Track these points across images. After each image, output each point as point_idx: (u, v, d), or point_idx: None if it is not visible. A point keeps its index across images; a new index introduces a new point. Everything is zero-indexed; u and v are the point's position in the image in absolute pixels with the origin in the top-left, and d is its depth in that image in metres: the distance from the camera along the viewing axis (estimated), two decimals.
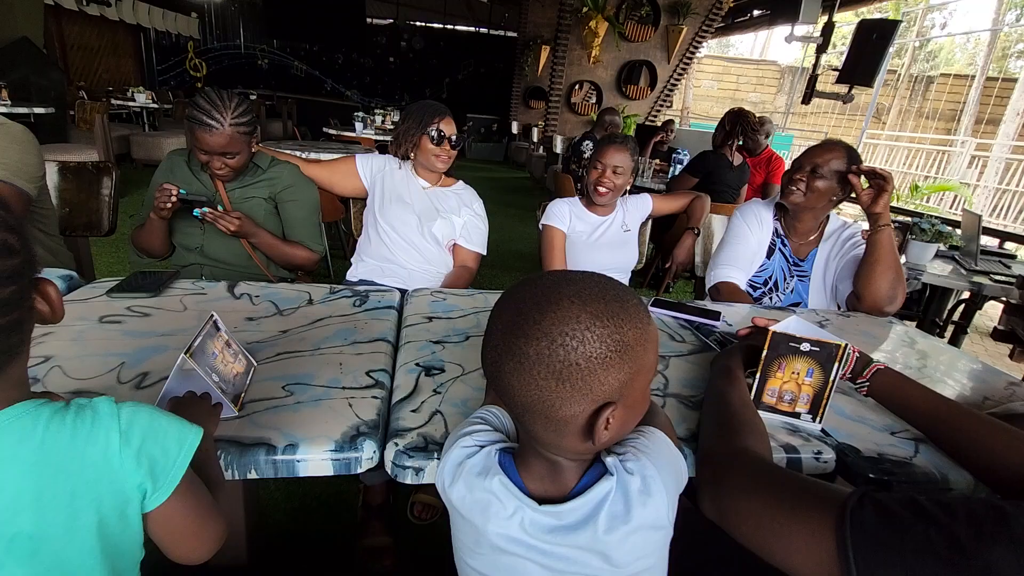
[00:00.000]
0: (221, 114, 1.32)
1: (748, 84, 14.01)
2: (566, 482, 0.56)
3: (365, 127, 5.79)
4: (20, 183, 1.12)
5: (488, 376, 0.55)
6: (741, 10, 8.40)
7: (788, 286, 1.59)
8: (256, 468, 0.66)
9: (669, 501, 0.56)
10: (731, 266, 1.61)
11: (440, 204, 1.68)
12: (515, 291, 0.54)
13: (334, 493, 1.52)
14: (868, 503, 0.50)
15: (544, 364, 0.49)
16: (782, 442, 0.79)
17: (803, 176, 1.47)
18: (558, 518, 0.54)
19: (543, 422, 0.52)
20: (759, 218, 1.62)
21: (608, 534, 0.53)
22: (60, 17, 7.93)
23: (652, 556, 0.57)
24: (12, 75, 4.95)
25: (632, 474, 0.55)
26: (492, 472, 0.56)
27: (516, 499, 0.55)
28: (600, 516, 0.53)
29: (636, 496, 0.54)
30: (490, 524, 0.55)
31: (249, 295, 1.16)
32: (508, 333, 0.51)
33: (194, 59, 11.50)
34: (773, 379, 0.84)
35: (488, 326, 0.55)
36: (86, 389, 0.76)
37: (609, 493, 0.54)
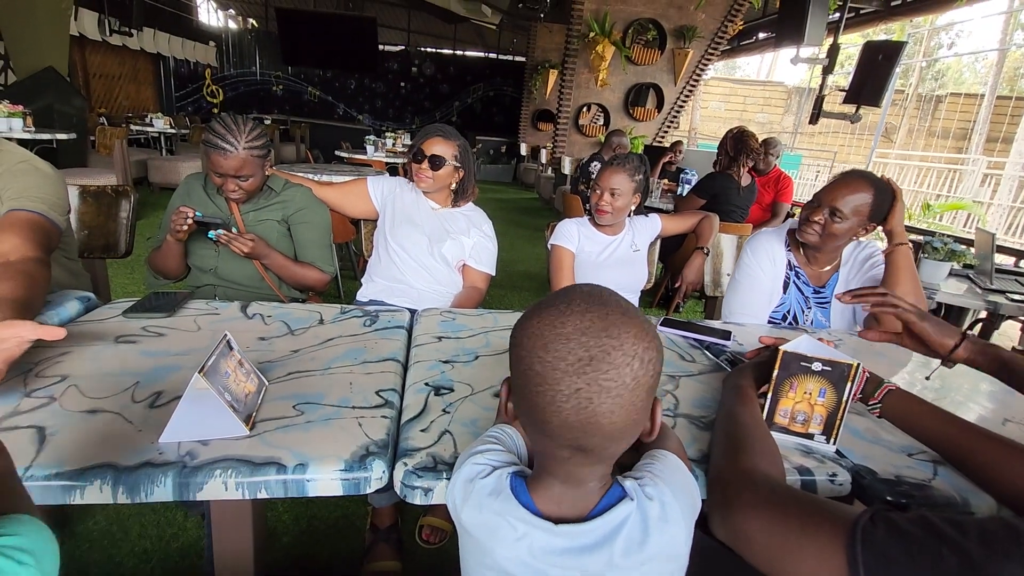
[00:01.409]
0: (235, 138, 1.36)
1: (755, 105, 14.11)
2: (586, 504, 0.56)
3: (376, 150, 5.90)
4: (55, 217, 1.16)
5: (566, 427, 0.50)
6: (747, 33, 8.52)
7: (808, 317, 1.54)
8: (266, 488, 0.67)
9: (686, 528, 0.55)
10: (746, 315, 1.55)
11: (450, 225, 1.70)
12: (554, 327, 0.51)
13: (342, 516, 1.51)
14: (879, 521, 0.49)
15: (641, 386, 0.50)
16: (796, 463, 0.78)
17: (821, 217, 1.38)
18: (573, 539, 0.53)
19: (627, 443, 0.54)
20: (771, 255, 1.55)
21: (624, 558, 0.52)
22: (84, 47, 8.22)
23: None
24: (37, 103, 5.13)
25: (651, 500, 0.55)
26: (503, 495, 0.56)
27: (526, 523, 0.54)
28: (618, 539, 0.53)
29: (655, 522, 0.54)
30: (498, 547, 0.55)
31: (261, 315, 1.17)
32: (589, 371, 0.49)
33: (211, 86, 11.85)
34: (785, 399, 0.83)
35: (544, 378, 0.50)
36: (101, 408, 0.77)
37: (628, 517, 0.54)
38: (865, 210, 1.35)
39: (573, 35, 6.41)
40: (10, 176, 1.14)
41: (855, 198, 1.34)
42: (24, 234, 1.06)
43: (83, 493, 0.63)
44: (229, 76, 12.44)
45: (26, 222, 1.09)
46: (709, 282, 2.09)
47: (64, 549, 1.30)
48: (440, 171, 1.62)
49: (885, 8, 5.98)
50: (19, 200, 1.11)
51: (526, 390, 0.52)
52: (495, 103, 13.46)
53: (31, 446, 0.67)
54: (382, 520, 1.40)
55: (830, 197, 1.37)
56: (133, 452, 0.68)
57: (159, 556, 1.32)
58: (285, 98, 12.95)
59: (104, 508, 1.42)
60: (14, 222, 1.08)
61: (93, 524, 1.38)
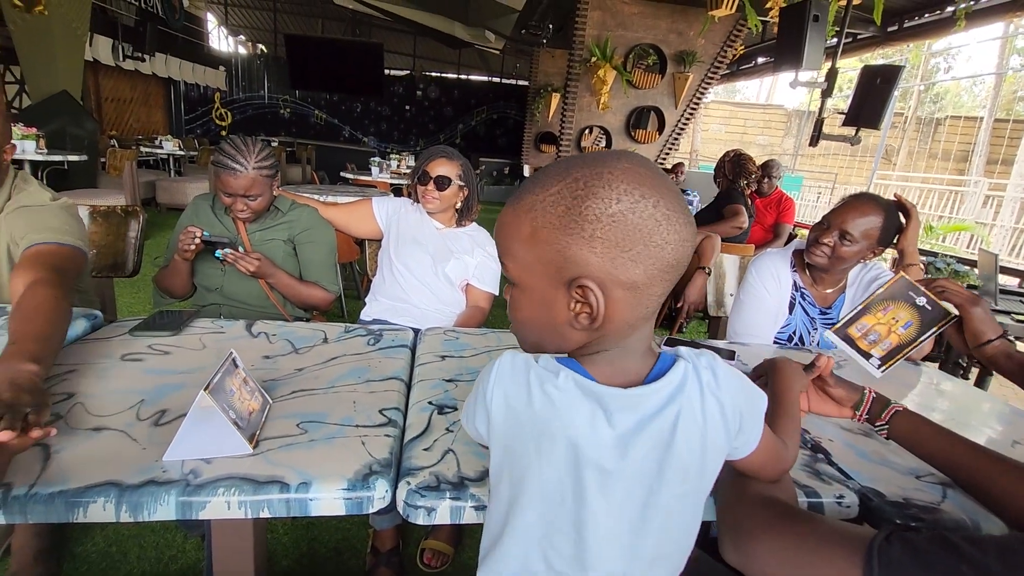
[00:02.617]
0: (245, 158, 1.39)
1: (755, 127, 14.28)
2: (638, 370, 0.55)
3: (381, 171, 5.98)
4: (83, 246, 1.20)
5: (671, 265, 0.50)
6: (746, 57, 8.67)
7: (814, 338, 1.53)
8: (269, 507, 0.66)
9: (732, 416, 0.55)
10: (750, 335, 1.54)
11: (454, 245, 1.71)
12: (612, 181, 0.48)
13: (342, 539, 1.49)
14: (895, 540, 0.48)
15: (687, 213, 0.50)
16: (802, 484, 0.77)
17: (830, 240, 1.37)
18: (637, 409, 0.52)
19: (670, 284, 0.52)
20: (776, 275, 1.54)
21: (685, 423, 0.53)
22: (98, 72, 8.42)
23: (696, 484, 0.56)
24: (50, 125, 5.24)
25: (704, 368, 0.55)
26: (562, 374, 0.54)
27: (593, 396, 0.52)
28: (683, 397, 0.53)
29: (708, 389, 0.54)
30: (565, 432, 0.52)
31: (266, 334, 1.18)
32: (661, 206, 0.48)
33: (220, 109, 12.09)
34: (871, 316, 0.85)
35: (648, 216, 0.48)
36: (106, 426, 0.77)
37: (687, 375, 0.54)
38: (875, 233, 1.34)
39: (575, 60, 6.53)
40: (23, 214, 1.17)
41: (865, 221, 1.34)
42: (33, 265, 1.06)
43: (86, 511, 0.63)
44: (238, 99, 12.70)
45: (44, 254, 1.10)
46: (712, 302, 2.09)
47: (63, 571, 1.28)
48: (446, 191, 1.65)
49: (882, 33, 6.09)
50: (40, 234, 1.13)
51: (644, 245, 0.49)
52: (498, 126, 13.66)
53: (36, 464, 0.67)
54: (383, 543, 1.38)
55: (840, 220, 1.36)
56: (137, 470, 0.68)
57: None
58: (292, 121, 13.18)
59: (103, 529, 1.41)
60: (29, 257, 1.08)
61: (92, 546, 1.36)
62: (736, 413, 0.56)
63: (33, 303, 0.92)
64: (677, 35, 6.44)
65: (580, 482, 0.53)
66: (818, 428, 0.95)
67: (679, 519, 0.58)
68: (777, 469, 0.66)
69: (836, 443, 0.91)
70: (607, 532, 0.54)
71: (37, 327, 0.86)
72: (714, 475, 0.57)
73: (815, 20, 3.82)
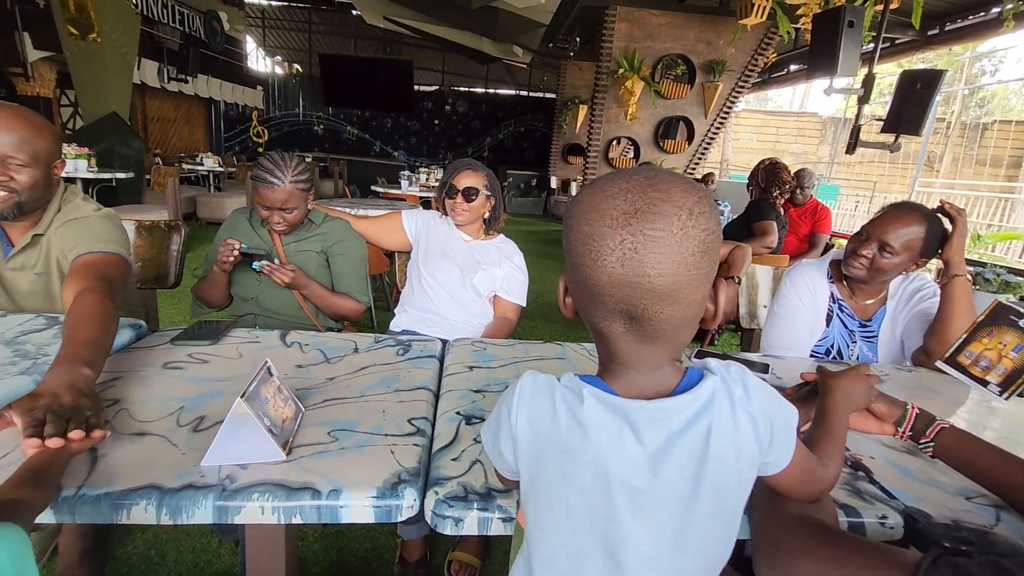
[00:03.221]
0: (282, 172, 1.44)
1: (789, 135, 13.98)
2: (665, 384, 0.54)
3: (410, 184, 6.09)
4: (127, 254, 1.27)
5: (612, 285, 0.49)
6: (778, 65, 8.53)
7: (853, 352, 1.48)
8: (301, 513, 0.67)
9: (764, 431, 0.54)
10: (785, 348, 1.49)
11: (481, 257, 1.72)
12: (601, 190, 0.51)
13: (371, 548, 1.50)
14: (944, 565, 0.46)
15: (690, 238, 0.48)
16: (841, 503, 0.74)
17: (869, 251, 1.32)
18: (664, 423, 0.52)
19: (683, 311, 0.50)
20: (812, 286, 1.49)
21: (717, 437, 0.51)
22: (144, 93, 8.87)
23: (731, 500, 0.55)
24: (100, 145, 5.53)
25: (735, 381, 0.53)
26: (586, 390, 0.54)
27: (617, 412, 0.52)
28: (712, 413, 0.52)
29: (739, 402, 0.52)
30: (590, 452, 0.52)
31: (299, 343, 1.21)
32: (634, 223, 0.48)
33: (257, 127, 12.55)
34: (977, 343, 0.84)
35: (590, 236, 0.50)
36: (149, 431, 0.80)
37: (715, 389, 0.53)
38: (917, 245, 1.29)
39: (602, 72, 6.55)
40: (71, 226, 1.24)
41: (906, 232, 1.28)
42: (83, 274, 1.12)
43: (129, 513, 0.65)
44: (274, 117, 13.19)
45: (92, 264, 1.16)
46: (745, 314, 2.04)
47: (105, 573, 1.33)
48: (474, 202, 1.67)
49: (922, 37, 5.91)
50: (86, 244, 1.20)
51: (576, 258, 0.52)
52: (526, 138, 13.78)
53: (83, 467, 0.70)
54: (411, 553, 1.39)
55: (880, 230, 1.31)
56: (177, 474, 0.70)
57: None
58: (325, 137, 13.60)
59: (143, 532, 1.46)
60: (78, 267, 1.15)
61: (132, 548, 1.41)
62: (767, 427, 0.54)
63: (83, 310, 0.97)
64: (706, 45, 6.39)
65: (611, 506, 0.52)
66: (858, 445, 0.91)
67: (715, 537, 0.56)
68: (812, 489, 0.63)
69: (878, 461, 0.87)
70: (647, 555, 0.53)
71: (88, 333, 0.91)
72: (748, 491, 0.56)
73: (850, 26, 3.73)
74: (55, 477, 0.65)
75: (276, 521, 0.67)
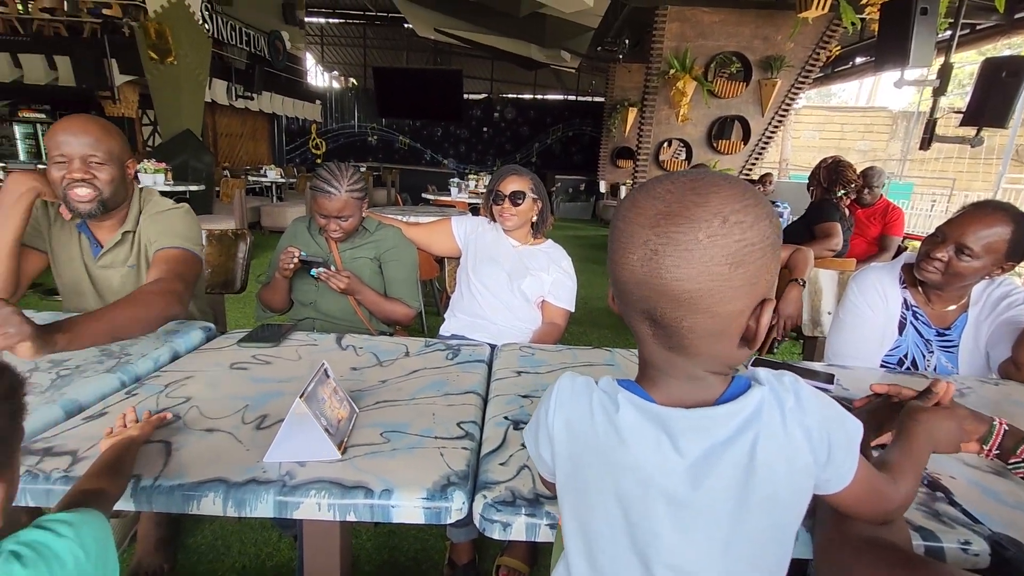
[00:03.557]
0: (339, 182, 1.51)
1: (855, 132, 13.22)
2: (705, 394, 0.52)
3: (460, 191, 6.19)
4: (198, 251, 1.41)
5: (633, 283, 0.49)
6: (842, 58, 8.10)
7: (929, 363, 1.37)
8: (355, 511, 0.70)
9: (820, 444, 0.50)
10: (851, 357, 1.40)
11: (529, 262, 1.73)
12: (647, 189, 0.50)
13: (421, 549, 1.52)
14: None
15: (719, 247, 0.45)
16: (916, 526, 0.69)
17: (944, 254, 1.22)
18: (705, 434, 0.49)
19: (707, 322, 0.48)
20: (882, 292, 1.39)
21: (765, 449, 0.49)
22: (214, 111, 9.49)
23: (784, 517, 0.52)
24: (176, 160, 5.95)
25: (786, 391, 0.50)
26: (622, 395, 0.53)
27: (655, 418, 0.51)
28: (760, 424, 0.49)
29: (791, 413, 0.49)
30: (627, 458, 0.51)
31: (354, 347, 1.25)
32: (662, 223, 0.47)
33: (316, 139, 13.13)
34: None
35: (622, 231, 0.50)
36: (217, 428, 0.85)
37: (763, 399, 0.50)
38: (1001, 247, 1.18)
39: (652, 73, 6.44)
40: (157, 219, 1.40)
41: (989, 233, 1.17)
42: (161, 267, 1.30)
43: (199, 503, 0.70)
44: (331, 130, 13.80)
45: (170, 259, 1.33)
46: (808, 321, 1.94)
47: (177, 559, 1.42)
48: (521, 205, 1.68)
49: (1007, 21, 5.44)
50: (167, 239, 1.36)
51: (609, 253, 0.51)
52: (574, 143, 13.73)
53: (159, 459, 0.76)
54: (460, 556, 1.40)
55: (958, 232, 1.21)
56: (241, 469, 0.74)
57: (255, 573, 1.40)
58: (379, 147, 14.08)
59: (211, 524, 1.54)
60: (158, 259, 1.33)
61: (201, 538, 1.50)
62: (824, 441, 0.51)
63: (132, 297, 1.18)
64: (763, 40, 6.16)
65: (650, 516, 0.51)
66: (936, 463, 0.84)
67: (766, 553, 0.54)
68: (878, 509, 0.59)
69: (959, 481, 0.80)
70: (690, 569, 0.51)
71: (104, 312, 1.11)
72: (803, 507, 0.53)
73: (923, 13, 3.50)
74: (128, 468, 0.70)
75: (332, 518, 0.70)
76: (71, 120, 1.24)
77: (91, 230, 1.38)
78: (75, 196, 1.24)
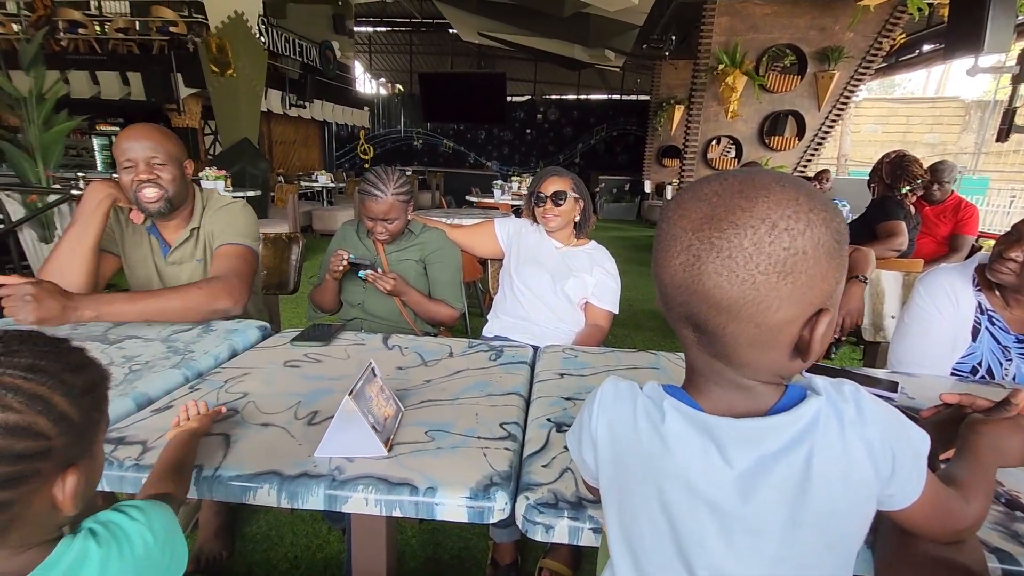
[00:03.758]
0: (385, 185, 1.55)
1: (922, 124, 12.41)
2: (756, 404, 0.50)
3: (503, 193, 6.23)
4: (255, 245, 1.53)
5: (675, 287, 0.48)
6: (908, 47, 7.63)
7: (1008, 371, 1.26)
8: (400, 507, 0.71)
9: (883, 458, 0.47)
10: (918, 364, 1.31)
11: (572, 263, 1.72)
12: (694, 190, 0.48)
13: (464, 548, 1.54)
14: None
15: (764, 255, 0.43)
16: (992, 547, 0.64)
17: (1020, 254, 1.15)
18: (756, 445, 0.47)
19: (751, 331, 0.45)
20: (952, 295, 1.30)
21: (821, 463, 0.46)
22: (270, 120, 9.94)
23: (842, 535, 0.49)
24: (234, 167, 6.27)
25: (846, 401, 0.48)
26: (667, 401, 0.51)
27: (702, 427, 0.49)
28: (816, 436, 0.46)
29: (851, 424, 0.47)
30: (672, 466, 0.50)
31: (399, 347, 1.28)
32: (706, 228, 0.45)
33: (364, 144, 13.54)
34: None
35: (666, 233, 0.48)
36: (272, 422, 0.89)
37: (820, 410, 0.47)
38: None
39: (700, 69, 6.27)
40: (219, 214, 1.52)
41: None
42: (220, 264, 1.43)
43: (255, 494, 0.73)
44: (378, 135, 14.21)
45: (230, 255, 1.45)
46: (868, 325, 1.84)
47: (236, 547, 1.49)
48: (564, 206, 1.68)
49: None
50: (228, 235, 1.49)
51: (653, 254, 0.50)
52: (618, 142, 13.56)
53: (220, 450, 0.80)
54: (503, 557, 1.41)
55: None
56: (294, 463, 0.77)
57: (306, 563, 1.45)
58: (424, 151, 14.38)
59: (265, 514, 1.62)
60: (219, 255, 1.46)
61: (256, 528, 1.57)
62: (887, 454, 0.48)
63: (184, 287, 1.33)
64: (819, 31, 5.88)
65: (698, 528, 0.49)
66: (1013, 478, 0.78)
67: (823, 573, 0.51)
68: (949, 528, 0.55)
69: None
70: None
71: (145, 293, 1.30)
72: (864, 525, 0.50)
73: None
74: (190, 464, 0.74)
75: (378, 512, 0.72)
76: (132, 128, 1.38)
77: (159, 231, 1.50)
78: (144, 197, 1.37)
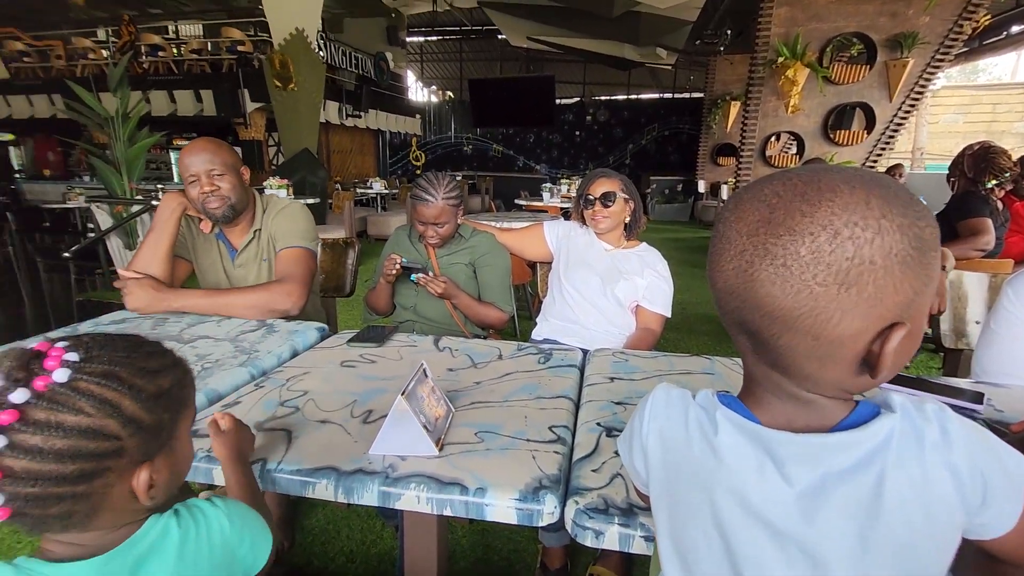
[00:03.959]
0: (435, 190, 1.58)
1: (1010, 113, 11.36)
2: (820, 419, 0.46)
3: (552, 196, 6.22)
4: (313, 246, 1.63)
5: (727, 292, 0.45)
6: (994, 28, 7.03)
7: None
8: (451, 506, 0.72)
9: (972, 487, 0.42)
10: (1007, 374, 1.20)
11: (623, 266, 1.69)
12: (754, 190, 0.45)
13: (514, 550, 1.54)
14: None
15: (824, 264, 0.39)
16: None
17: None
18: (818, 462, 0.44)
19: (808, 344, 0.42)
20: None
21: (896, 489, 0.42)
22: (328, 129, 10.38)
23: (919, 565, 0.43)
24: (295, 176, 6.58)
25: (929, 421, 0.43)
26: (721, 411, 0.49)
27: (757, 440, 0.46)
28: (888, 458, 0.42)
29: (934, 448, 0.42)
30: (725, 482, 0.47)
31: (450, 349, 1.30)
32: (761, 232, 0.42)
33: (416, 151, 13.89)
34: None
35: (721, 235, 0.46)
36: (330, 420, 0.93)
37: (894, 430, 0.43)
38: None
39: (758, 63, 6.01)
40: (279, 216, 1.62)
41: None
42: (281, 268, 1.55)
43: (314, 488, 0.76)
44: (430, 142, 14.54)
45: (291, 259, 1.56)
46: (949, 331, 1.70)
47: (296, 538, 1.56)
48: (613, 207, 1.66)
49: None
50: (288, 239, 1.59)
51: (708, 256, 0.48)
52: (670, 142, 13.24)
53: (282, 445, 0.84)
54: (552, 561, 1.40)
55: None
56: (350, 459, 0.80)
57: (361, 557, 1.50)
58: (473, 156, 14.58)
59: (323, 508, 1.68)
60: (281, 259, 1.57)
61: (315, 521, 1.64)
62: (978, 482, 0.43)
63: (248, 287, 1.49)
64: (890, 17, 5.51)
65: (753, 548, 0.46)
66: None
67: None
68: None
69: None
70: None
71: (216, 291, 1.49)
72: (947, 559, 0.45)
73: None
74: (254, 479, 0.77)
75: (429, 511, 0.73)
76: (190, 145, 1.50)
77: (226, 236, 1.62)
78: (210, 207, 1.50)
